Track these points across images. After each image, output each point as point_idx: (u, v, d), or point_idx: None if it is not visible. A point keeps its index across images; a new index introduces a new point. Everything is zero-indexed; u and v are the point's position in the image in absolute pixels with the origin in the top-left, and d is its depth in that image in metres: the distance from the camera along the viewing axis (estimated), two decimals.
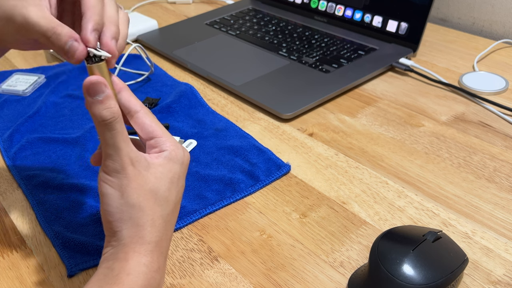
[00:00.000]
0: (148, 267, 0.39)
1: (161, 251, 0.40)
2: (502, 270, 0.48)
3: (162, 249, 0.41)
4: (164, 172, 0.41)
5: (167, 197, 0.41)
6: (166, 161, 0.41)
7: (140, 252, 0.39)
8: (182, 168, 0.42)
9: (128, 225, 0.39)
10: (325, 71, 0.80)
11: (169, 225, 0.41)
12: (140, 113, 0.42)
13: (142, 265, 0.39)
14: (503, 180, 0.58)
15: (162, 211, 0.40)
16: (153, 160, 0.41)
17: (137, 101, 0.42)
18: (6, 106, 0.77)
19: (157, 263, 0.40)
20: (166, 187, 0.40)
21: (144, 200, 0.39)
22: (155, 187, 0.40)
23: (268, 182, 0.60)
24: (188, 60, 0.87)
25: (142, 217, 0.39)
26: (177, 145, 0.42)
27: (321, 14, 0.98)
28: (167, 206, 0.41)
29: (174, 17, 1.11)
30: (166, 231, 0.41)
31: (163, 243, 0.41)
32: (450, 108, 0.73)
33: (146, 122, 0.42)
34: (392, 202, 0.56)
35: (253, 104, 0.76)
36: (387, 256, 0.43)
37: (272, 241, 0.52)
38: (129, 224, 0.39)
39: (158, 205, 0.40)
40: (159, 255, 0.40)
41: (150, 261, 0.39)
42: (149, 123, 0.42)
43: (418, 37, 0.85)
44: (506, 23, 0.94)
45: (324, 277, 0.48)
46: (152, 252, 0.39)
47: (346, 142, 0.66)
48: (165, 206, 0.41)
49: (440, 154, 0.63)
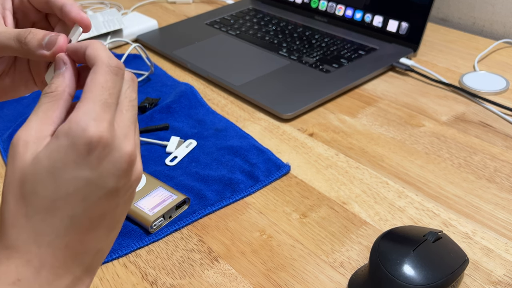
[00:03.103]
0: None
1: (28, 259, 0.30)
2: (503, 270, 0.47)
3: (30, 256, 0.30)
4: (45, 154, 0.29)
5: (37, 191, 0.30)
6: (55, 139, 0.29)
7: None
8: (75, 151, 0.29)
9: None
10: (325, 71, 0.80)
11: (46, 227, 0.30)
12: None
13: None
14: (503, 180, 0.58)
15: (28, 208, 0.30)
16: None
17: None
18: (6, 106, 0.77)
19: (15, 273, 0.30)
20: (39, 178, 0.29)
21: (10, 192, 0.30)
22: (25, 174, 0.30)
23: (268, 182, 0.60)
24: (188, 60, 0.87)
25: (4, 213, 0.30)
26: (87, 115, 0.29)
27: (322, 14, 0.98)
28: (36, 203, 0.30)
29: (174, 17, 1.11)
30: (36, 235, 0.30)
31: (32, 249, 0.30)
32: (450, 108, 0.72)
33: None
34: (392, 202, 0.56)
35: (253, 104, 0.76)
36: (387, 256, 0.43)
37: (272, 241, 0.52)
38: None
39: (23, 200, 0.30)
40: (23, 264, 0.30)
41: (4, 271, 0.30)
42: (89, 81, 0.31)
43: (418, 37, 0.85)
44: (507, 23, 0.94)
45: (324, 277, 0.48)
46: (8, 259, 0.30)
47: (346, 142, 0.66)
48: (34, 203, 0.30)
49: (440, 154, 0.63)
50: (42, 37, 0.35)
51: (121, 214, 0.33)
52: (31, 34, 0.35)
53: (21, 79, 0.42)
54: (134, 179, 0.32)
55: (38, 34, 0.35)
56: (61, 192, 0.29)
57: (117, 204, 0.31)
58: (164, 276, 0.49)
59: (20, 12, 0.40)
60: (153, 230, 0.54)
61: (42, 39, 0.35)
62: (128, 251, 0.52)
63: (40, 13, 0.41)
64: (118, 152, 0.30)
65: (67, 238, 0.30)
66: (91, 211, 0.30)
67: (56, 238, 0.30)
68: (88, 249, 0.31)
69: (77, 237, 0.30)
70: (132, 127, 0.32)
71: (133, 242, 0.52)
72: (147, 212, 0.54)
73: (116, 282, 0.49)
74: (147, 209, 0.54)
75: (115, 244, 0.52)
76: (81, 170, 0.29)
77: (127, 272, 0.50)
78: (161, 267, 0.50)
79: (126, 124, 0.31)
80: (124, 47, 0.96)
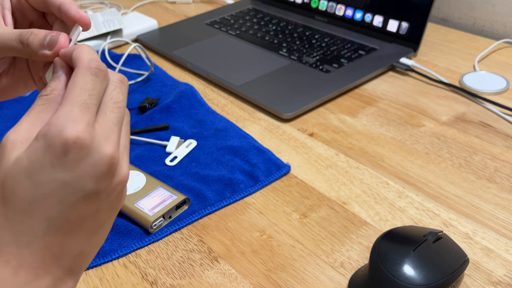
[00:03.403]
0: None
1: (6, 259, 0.30)
2: (503, 270, 0.47)
3: (9, 257, 0.30)
4: (25, 155, 0.29)
5: (16, 193, 0.30)
6: (35, 141, 0.29)
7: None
8: (51, 152, 0.29)
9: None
10: (325, 71, 0.80)
11: (24, 228, 0.30)
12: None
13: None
14: (504, 181, 0.58)
15: (8, 210, 0.30)
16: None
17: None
18: (5, 106, 0.77)
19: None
20: (18, 179, 0.29)
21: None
22: (6, 175, 0.30)
23: (268, 182, 0.59)
24: (188, 60, 0.87)
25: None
26: (64, 117, 0.29)
27: (322, 14, 0.98)
28: (15, 204, 0.30)
29: (174, 17, 1.11)
30: (15, 235, 0.30)
31: (11, 250, 0.30)
32: (450, 108, 0.72)
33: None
34: (392, 202, 0.56)
35: (253, 104, 0.76)
36: (387, 256, 0.43)
37: (272, 241, 0.52)
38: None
39: (4, 202, 0.30)
40: (1, 265, 0.30)
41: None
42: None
43: (418, 37, 0.85)
44: (507, 23, 0.94)
45: (324, 277, 0.48)
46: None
47: (346, 142, 0.66)
48: (13, 204, 0.30)
49: (440, 154, 0.63)
50: (43, 37, 0.35)
51: (105, 217, 0.32)
52: (32, 35, 0.35)
53: (20, 78, 0.42)
54: (117, 182, 0.31)
55: (40, 35, 0.35)
56: (37, 194, 0.29)
57: (98, 208, 0.31)
58: (164, 276, 0.49)
59: (18, 11, 0.40)
60: (153, 230, 0.53)
61: (44, 39, 0.35)
62: (128, 251, 0.52)
63: (38, 12, 0.41)
64: (97, 154, 0.29)
65: (46, 239, 0.30)
66: (69, 213, 0.30)
67: (35, 239, 0.30)
68: (68, 251, 0.31)
69: (56, 239, 0.30)
70: (116, 129, 0.31)
71: (133, 242, 0.52)
72: (147, 212, 0.54)
73: (116, 282, 0.49)
74: (147, 209, 0.54)
75: (115, 244, 0.52)
76: (57, 171, 0.29)
77: (127, 272, 0.50)
78: (161, 267, 0.50)
79: (108, 126, 0.31)
80: (124, 47, 0.96)
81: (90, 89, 0.31)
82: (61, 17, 0.38)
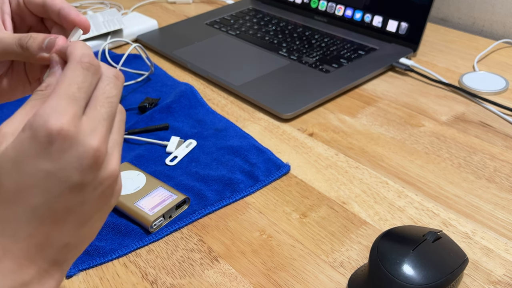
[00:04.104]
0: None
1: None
2: (502, 270, 0.47)
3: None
4: (11, 146, 0.30)
5: (2, 182, 0.30)
6: (22, 131, 0.30)
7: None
8: (36, 142, 0.29)
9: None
10: (325, 71, 0.80)
11: (9, 217, 0.30)
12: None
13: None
14: (503, 180, 0.58)
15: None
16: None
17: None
18: (6, 106, 0.77)
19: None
20: (5, 169, 0.30)
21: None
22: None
23: (268, 182, 0.60)
24: (188, 60, 0.87)
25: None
26: (50, 108, 0.29)
27: (321, 14, 0.98)
28: (1, 194, 0.30)
29: (174, 17, 1.11)
30: (0, 224, 0.30)
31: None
32: (450, 108, 0.72)
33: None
34: (392, 202, 0.56)
35: (253, 104, 0.76)
36: (387, 256, 0.43)
37: (272, 241, 0.52)
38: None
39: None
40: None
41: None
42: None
43: (418, 37, 0.85)
44: (507, 23, 0.94)
45: (324, 277, 0.48)
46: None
47: (346, 142, 0.66)
48: (0, 194, 0.30)
49: (440, 154, 0.63)
50: (42, 41, 0.36)
51: (93, 211, 0.32)
52: (31, 38, 0.36)
53: (18, 81, 0.43)
54: (104, 176, 0.31)
55: (38, 38, 0.36)
56: (23, 183, 0.30)
57: (84, 200, 0.31)
58: (164, 275, 0.49)
59: (18, 16, 0.41)
60: (153, 230, 0.54)
61: (42, 43, 0.36)
62: (128, 251, 0.52)
63: (36, 17, 0.42)
64: (82, 146, 0.30)
65: (30, 229, 0.30)
66: (54, 203, 0.30)
67: (20, 229, 0.30)
68: (53, 242, 0.31)
69: (41, 229, 0.30)
70: (105, 123, 0.32)
71: (133, 242, 0.53)
72: (147, 212, 0.54)
73: (116, 282, 0.49)
74: (147, 209, 0.54)
75: (115, 244, 0.52)
76: (42, 162, 0.29)
77: (127, 271, 0.50)
78: (161, 266, 0.50)
79: (97, 119, 0.31)
80: (124, 47, 0.96)
81: (79, 82, 0.31)
82: (60, 21, 0.39)
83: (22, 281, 0.31)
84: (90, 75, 0.32)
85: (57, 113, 0.29)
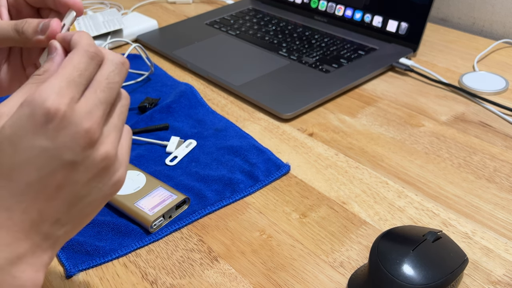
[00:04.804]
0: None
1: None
2: (502, 270, 0.47)
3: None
4: (8, 123, 0.31)
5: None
6: (19, 108, 0.31)
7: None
8: (33, 120, 0.30)
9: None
10: (325, 71, 0.80)
11: (5, 192, 0.31)
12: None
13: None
14: (503, 180, 0.58)
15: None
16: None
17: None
18: None
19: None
20: (1, 145, 0.31)
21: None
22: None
23: (268, 182, 0.60)
24: (188, 60, 0.87)
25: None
26: (50, 89, 0.30)
27: (321, 14, 0.98)
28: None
29: (174, 17, 1.11)
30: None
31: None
32: (450, 108, 0.72)
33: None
34: (392, 202, 0.56)
35: (253, 104, 0.76)
36: (387, 256, 0.43)
37: (272, 241, 0.52)
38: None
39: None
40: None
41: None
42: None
43: (418, 37, 0.85)
44: (506, 23, 0.94)
45: (324, 277, 0.48)
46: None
47: (346, 142, 0.66)
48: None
49: (440, 154, 0.63)
50: (36, 25, 0.37)
51: (86, 192, 0.33)
52: (26, 23, 0.38)
53: (15, 75, 0.44)
54: (98, 158, 0.32)
55: (33, 22, 0.38)
56: (18, 159, 0.30)
57: (75, 179, 0.32)
58: (164, 275, 0.49)
59: (14, 8, 0.42)
60: (153, 230, 0.54)
61: (37, 26, 0.37)
62: (128, 251, 0.52)
63: (32, 9, 0.43)
64: (75, 126, 0.31)
65: (24, 204, 0.31)
66: (47, 180, 0.31)
67: (14, 203, 0.31)
68: (45, 218, 0.32)
69: (34, 205, 0.32)
70: (102, 107, 0.32)
71: (133, 242, 0.53)
72: (147, 212, 0.54)
73: (116, 282, 0.49)
74: (147, 209, 0.54)
75: (115, 244, 0.52)
76: (38, 139, 0.30)
77: (127, 271, 0.50)
78: (161, 266, 0.50)
79: (94, 102, 0.32)
80: (124, 47, 0.96)
81: (82, 69, 0.32)
82: (56, 7, 0.40)
83: (17, 253, 0.32)
84: (93, 65, 0.33)
85: (56, 94, 0.30)
